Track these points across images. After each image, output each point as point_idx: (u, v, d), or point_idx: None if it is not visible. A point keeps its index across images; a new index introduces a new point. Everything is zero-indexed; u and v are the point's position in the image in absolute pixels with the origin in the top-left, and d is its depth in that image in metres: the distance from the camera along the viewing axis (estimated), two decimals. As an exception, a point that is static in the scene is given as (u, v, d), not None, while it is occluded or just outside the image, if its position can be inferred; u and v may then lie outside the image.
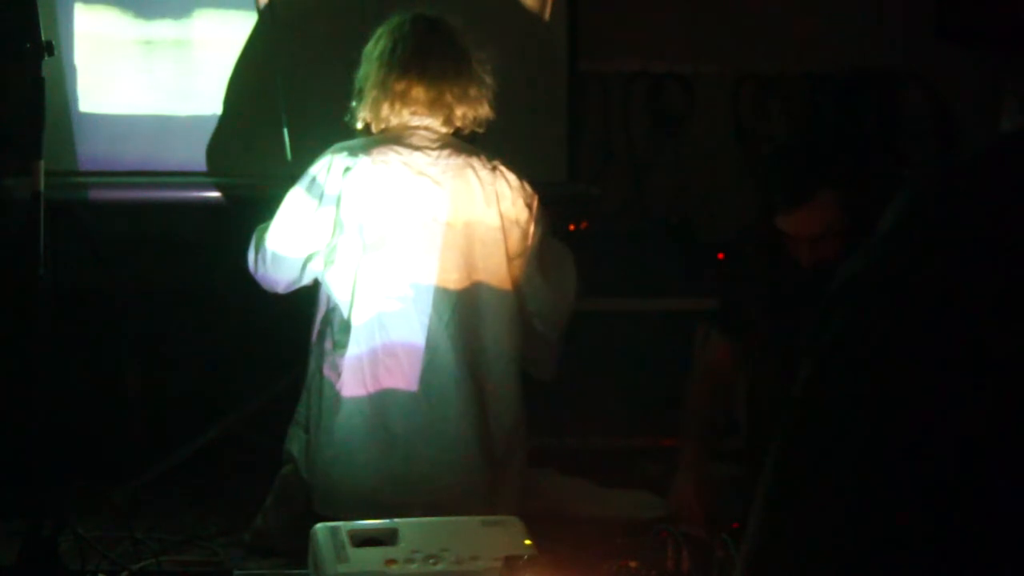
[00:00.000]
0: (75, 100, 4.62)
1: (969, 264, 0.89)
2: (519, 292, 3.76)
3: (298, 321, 3.86)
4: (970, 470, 0.85)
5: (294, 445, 3.76)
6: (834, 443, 0.89)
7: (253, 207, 4.03)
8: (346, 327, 3.62)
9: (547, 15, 4.87)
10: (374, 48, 3.75)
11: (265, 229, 3.73)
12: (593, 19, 5.22)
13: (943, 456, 0.86)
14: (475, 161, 3.72)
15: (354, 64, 3.77)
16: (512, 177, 3.75)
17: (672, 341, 5.23)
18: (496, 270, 3.70)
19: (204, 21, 4.70)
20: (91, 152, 4.65)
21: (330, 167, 3.66)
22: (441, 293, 3.64)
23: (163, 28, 4.68)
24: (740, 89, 5.58)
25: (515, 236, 3.73)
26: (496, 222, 3.70)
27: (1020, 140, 1.00)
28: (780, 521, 0.91)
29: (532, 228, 3.76)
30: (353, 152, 3.68)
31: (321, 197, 3.66)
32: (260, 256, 3.72)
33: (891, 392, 0.87)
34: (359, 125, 3.76)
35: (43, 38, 3.43)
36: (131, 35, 4.68)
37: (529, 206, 3.76)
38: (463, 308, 3.65)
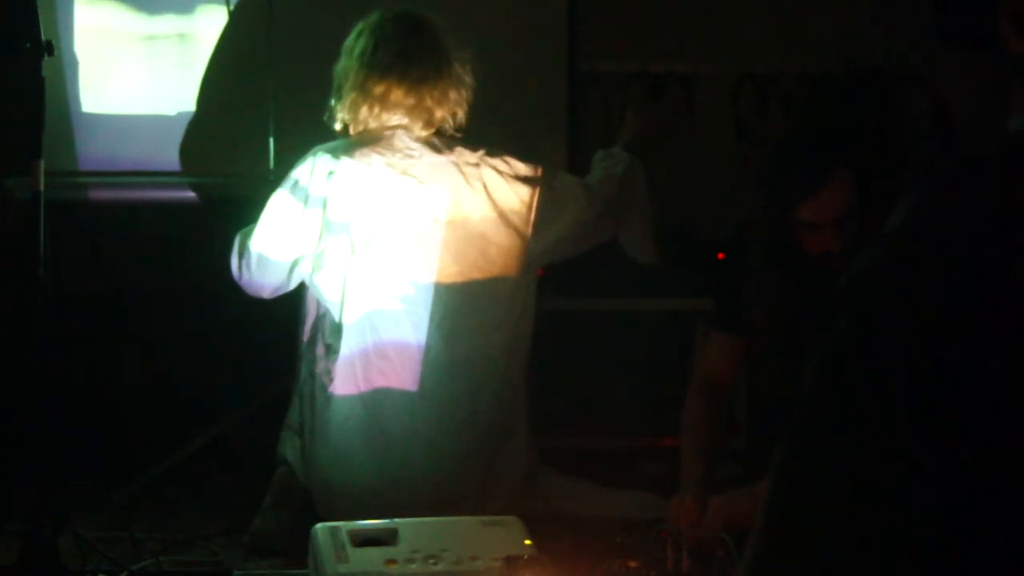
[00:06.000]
0: (75, 100, 4.62)
1: (974, 264, 0.89)
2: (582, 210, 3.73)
3: (296, 320, 3.86)
4: (974, 464, 0.85)
5: (287, 449, 3.75)
6: (840, 439, 0.89)
7: (250, 207, 4.03)
8: (337, 330, 3.60)
9: (547, 15, 4.87)
10: (354, 45, 3.67)
11: (248, 234, 3.66)
12: (593, 19, 5.21)
13: (949, 452, 0.86)
14: (457, 158, 3.68)
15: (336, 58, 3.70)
16: (499, 162, 3.69)
17: (672, 341, 5.23)
18: (491, 264, 3.66)
19: (205, 20, 4.69)
20: (91, 152, 4.65)
21: (313, 170, 3.61)
22: (433, 292, 3.61)
23: (164, 27, 4.68)
24: (740, 89, 5.58)
25: (528, 218, 3.69)
26: (490, 213, 3.65)
27: (1024, 140, 1.00)
28: (785, 520, 0.91)
29: (549, 195, 3.71)
30: (335, 155, 3.63)
31: (306, 199, 3.61)
32: (245, 261, 3.66)
33: (896, 389, 0.87)
34: (337, 126, 3.71)
35: (43, 38, 3.42)
36: (131, 35, 4.68)
37: (531, 180, 3.71)
38: (456, 307, 3.63)
